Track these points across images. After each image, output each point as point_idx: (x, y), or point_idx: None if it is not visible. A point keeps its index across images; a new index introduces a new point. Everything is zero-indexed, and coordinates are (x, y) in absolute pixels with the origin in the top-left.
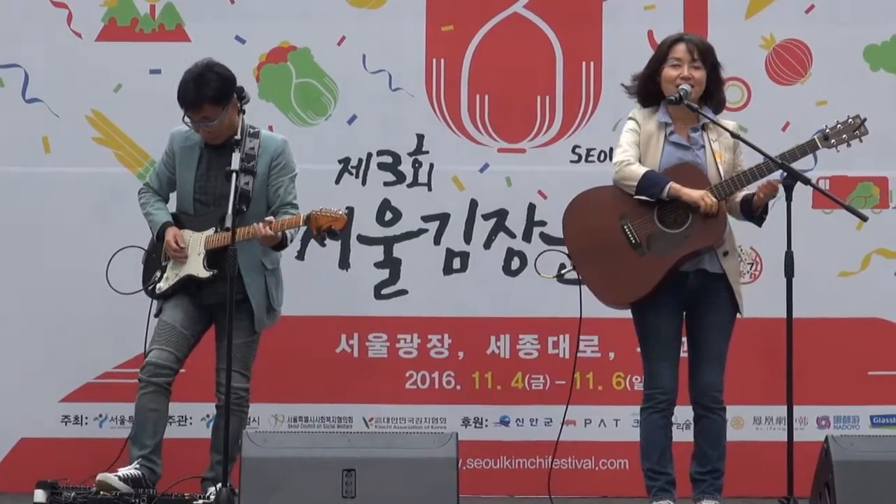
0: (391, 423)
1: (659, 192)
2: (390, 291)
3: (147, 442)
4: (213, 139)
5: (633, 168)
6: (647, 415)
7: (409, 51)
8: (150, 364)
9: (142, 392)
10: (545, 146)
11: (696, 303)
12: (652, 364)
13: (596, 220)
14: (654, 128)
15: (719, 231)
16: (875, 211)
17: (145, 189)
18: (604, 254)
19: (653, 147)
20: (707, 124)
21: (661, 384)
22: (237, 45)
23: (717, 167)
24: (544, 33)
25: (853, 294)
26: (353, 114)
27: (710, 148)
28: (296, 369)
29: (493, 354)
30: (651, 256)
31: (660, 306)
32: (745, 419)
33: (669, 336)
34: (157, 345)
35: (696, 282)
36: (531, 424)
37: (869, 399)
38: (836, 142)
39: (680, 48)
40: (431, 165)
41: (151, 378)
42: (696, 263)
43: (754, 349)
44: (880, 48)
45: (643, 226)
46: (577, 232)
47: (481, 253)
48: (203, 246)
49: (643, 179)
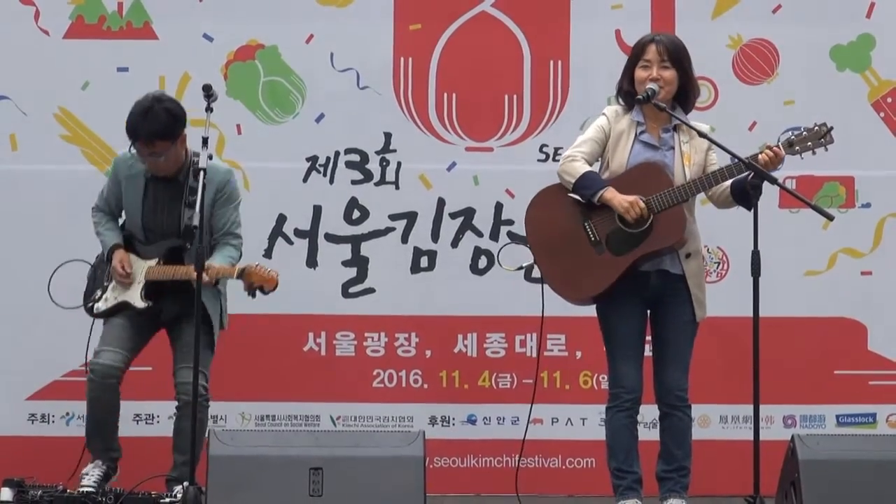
0: (358, 421)
1: (591, 196)
2: (358, 290)
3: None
4: (159, 172)
5: (576, 164)
6: (613, 414)
7: (377, 49)
8: (100, 366)
9: (94, 395)
10: (513, 145)
11: (658, 303)
12: (616, 363)
13: (558, 216)
14: (626, 126)
15: (678, 233)
16: (841, 210)
17: (96, 209)
18: (564, 250)
19: (622, 145)
20: (679, 125)
21: (625, 383)
22: (205, 42)
23: (684, 169)
24: (512, 32)
25: (819, 293)
26: (320, 112)
27: (680, 149)
28: (263, 367)
29: (460, 353)
30: (608, 255)
31: (622, 306)
32: (712, 418)
33: (633, 335)
34: (106, 346)
35: (658, 282)
36: (498, 423)
37: (835, 398)
38: (801, 149)
39: (650, 49)
40: (399, 164)
41: (104, 381)
42: (657, 264)
43: (721, 348)
44: (846, 48)
45: (604, 223)
46: (539, 227)
47: (449, 251)
48: (143, 276)
49: (582, 178)
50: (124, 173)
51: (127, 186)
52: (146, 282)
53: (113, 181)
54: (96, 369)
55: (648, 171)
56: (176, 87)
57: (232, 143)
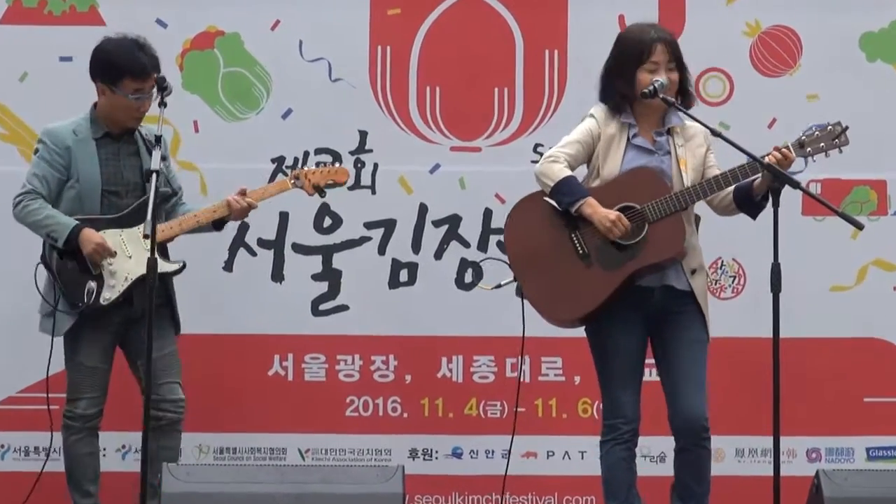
0: (329, 455)
1: (568, 204)
2: (329, 307)
3: (90, 489)
4: (139, 115)
5: (556, 167)
6: (610, 447)
7: (351, 37)
8: (81, 417)
9: (75, 439)
10: (503, 144)
11: (663, 322)
12: (613, 390)
13: (543, 226)
14: (616, 130)
15: (676, 244)
16: (872, 218)
17: (31, 195)
18: (548, 265)
19: (613, 151)
20: (673, 128)
21: (623, 413)
22: (158, 29)
23: (682, 175)
24: (503, 18)
25: (847, 311)
26: (287, 107)
27: (676, 153)
28: (223, 394)
29: (444, 378)
30: (598, 270)
31: (620, 325)
32: (726, 451)
33: (632, 359)
34: (82, 393)
35: (662, 299)
36: (487, 457)
37: (865, 429)
38: (813, 151)
39: (658, 50)
40: (376, 165)
41: (85, 426)
42: (661, 279)
43: (737, 373)
44: (878, 36)
45: (593, 234)
46: (520, 238)
47: (431, 264)
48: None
49: (561, 183)
50: (70, 140)
51: (78, 153)
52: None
53: (53, 153)
54: (75, 417)
55: (643, 176)
56: None
57: (188, 141)
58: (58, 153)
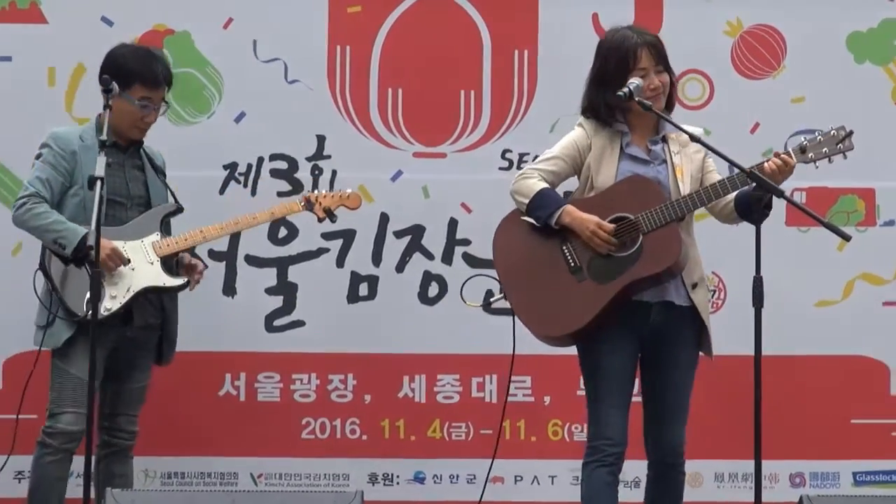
0: (284, 480)
1: (546, 217)
2: (284, 323)
3: None
4: (144, 128)
5: (529, 182)
6: (593, 470)
7: (309, 36)
8: (62, 433)
9: (49, 460)
10: (470, 150)
11: (658, 341)
12: (601, 410)
13: (533, 238)
14: (608, 139)
15: (672, 256)
16: (859, 229)
17: (35, 198)
18: (538, 278)
19: (607, 161)
20: (668, 135)
21: (610, 433)
22: (103, 27)
23: (678, 184)
24: (469, 16)
25: (833, 327)
26: (241, 111)
27: (671, 162)
28: (171, 416)
29: (405, 398)
30: (590, 283)
31: (614, 341)
32: (705, 476)
33: (623, 377)
34: (68, 406)
35: (661, 316)
36: (451, 482)
37: (852, 453)
38: (815, 156)
39: (643, 54)
40: (334, 172)
41: (63, 445)
42: (660, 293)
43: (716, 393)
44: (866, 36)
45: (585, 246)
46: (509, 252)
47: (393, 277)
48: (153, 253)
49: (535, 198)
50: (77, 145)
51: (84, 159)
52: (161, 259)
53: (59, 157)
54: (55, 434)
55: (637, 185)
56: (68, 80)
57: None
58: (63, 157)
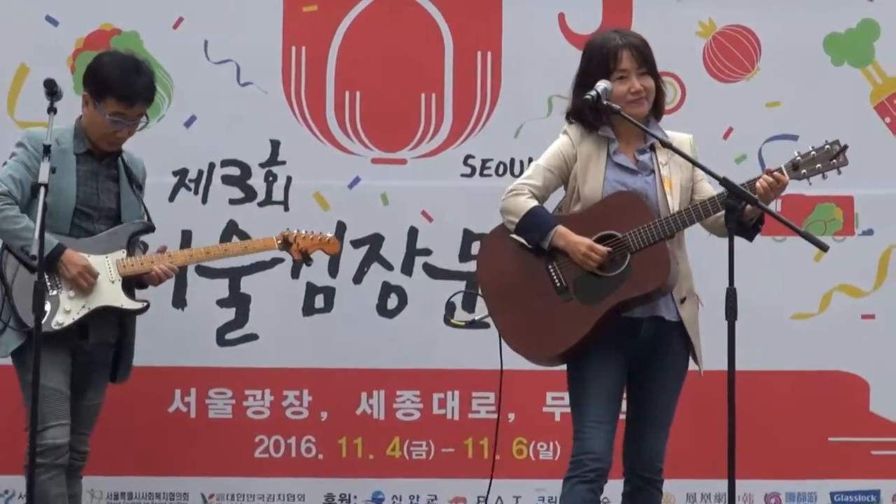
0: (236, 500)
1: (538, 239)
2: (236, 336)
3: None
4: (116, 145)
5: (519, 200)
6: (573, 485)
7: (262, 36)
8: (51, 449)
9: (46, 477)
10: (430, 156)
11: (646, 356)
12: (586, 424)
13: (518, 257)
14: (594, 146)
15: (660, 275)
16: (837, 238)
17: (7, 199)
18: (523, 299)
19: (593, 169)
20: (656, 143)
21: (593, 448)
22: (48, 27)
23: (667, 197)
24: (430, 16)
25: (810, 341)
26: (191, 114)
27: (659, 173)
28: (117, 433)
29: (364, 415)
30: (577, 304)
31: (602, 357)
32: (677, 497)
33: (612, 392)
34: (52, 420)
35: (651, 331)
36: (411, 502)
37: (829, 472)
38: (809, 172)
39: (623, 56)
40: (289, 179)
41: (56, 461)
42: (651, 309)
43: (688, 409)
44: (844, 37)
45: (571, 266)
46: (494, 270)
47: (350, 289)
48: (117, 272)
49: (526, 217)
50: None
51: (56, 163)
52: (123, 279)
53: (31, 159)
54: (46, 451)
55: (624, 201)
56: (10, 82)
57: None
58: (37, 158)
